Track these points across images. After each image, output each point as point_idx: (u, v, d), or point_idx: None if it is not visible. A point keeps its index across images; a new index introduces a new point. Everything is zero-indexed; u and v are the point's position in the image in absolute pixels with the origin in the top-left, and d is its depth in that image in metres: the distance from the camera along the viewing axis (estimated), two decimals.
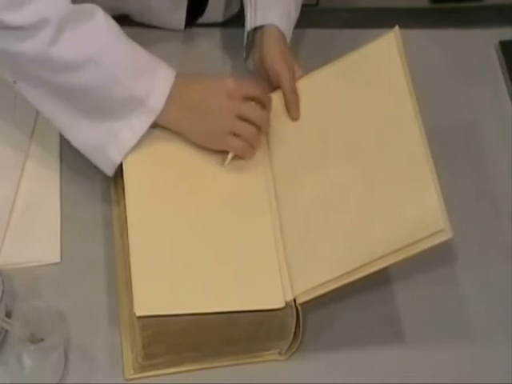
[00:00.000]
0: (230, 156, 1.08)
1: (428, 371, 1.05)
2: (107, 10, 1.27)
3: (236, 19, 1.31)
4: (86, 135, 1.05)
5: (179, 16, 1.29)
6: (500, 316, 1.10)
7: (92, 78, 1.00)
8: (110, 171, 1.07)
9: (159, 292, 0.99)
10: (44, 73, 1.00)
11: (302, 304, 1.00)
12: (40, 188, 1.12)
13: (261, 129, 1.08)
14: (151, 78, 1.03)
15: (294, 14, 1.20)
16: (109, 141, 1.04)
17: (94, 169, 1.09)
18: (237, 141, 1.07)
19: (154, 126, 1.06)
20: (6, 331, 0.99)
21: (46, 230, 1.09)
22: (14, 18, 0.96)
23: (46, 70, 1.00)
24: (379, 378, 1.03)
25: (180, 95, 1.05)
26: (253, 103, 1.08)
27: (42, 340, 0.95)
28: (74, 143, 1.06)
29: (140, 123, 1.04)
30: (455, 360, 1.06)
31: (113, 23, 1.03)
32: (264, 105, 1.09)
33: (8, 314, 1.00)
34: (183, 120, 1.06)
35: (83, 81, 1.00)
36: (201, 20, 1.32)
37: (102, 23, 1.01)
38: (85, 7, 1.01)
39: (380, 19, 1.33)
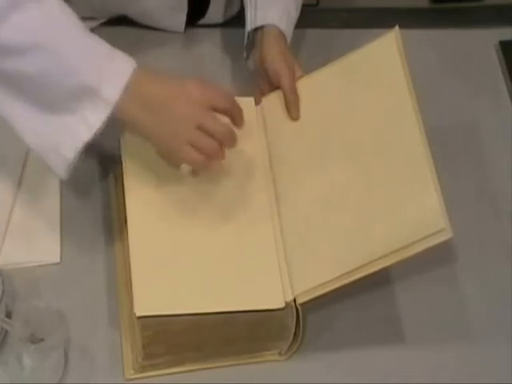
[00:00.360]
0: (183, 167, 1.02)
1: (428, 371, 1.05)
2: (106, 13, 1.27)
3: (236, 19, 1.32)
4: (36, 129, 0.98)
5: (179, 21, 1.29)
6: (500, 316, 1.10)
7: (40, 64, 0.94)
8: (62, 170, 0.99)
9: (159, 292, 0.99)
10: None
11: (302, 304, 1.01)
12: (40, 188, 1.12)
13: (222, 144, 1.01)
14: (106, 68, 0.96)
15: (295, 14, 1.20)
16: (61, 135, 0.98)
17: (94, 169, 1.09)
18: (193, 153, 1.00)
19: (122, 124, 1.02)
20: (6, 331, 0.99)
21: (46, 230, 1.09)
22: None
23: None
24: (379, 378, 1.03)
25: (140, 90, 0.98)
26: (218, 115, 1.01)
27: (42, 340, 0.95)
28: (26, 139, 0.99)
29: (93, 116, 0.97)
30: (455, 360, 1.06)
31: (67, 10, 0.97)
32: (233, 117, 1.03)
33: (8, 314, 1.00)
34: (142, 119, 0.99)
35: (30, 67, 0.94)
36: (201, 21, 1.32)
37: (54, 8, 0.96)
38: None
39: (380, 19, 1.33)
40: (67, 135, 0.97)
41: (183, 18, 1.28)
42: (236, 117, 1.03)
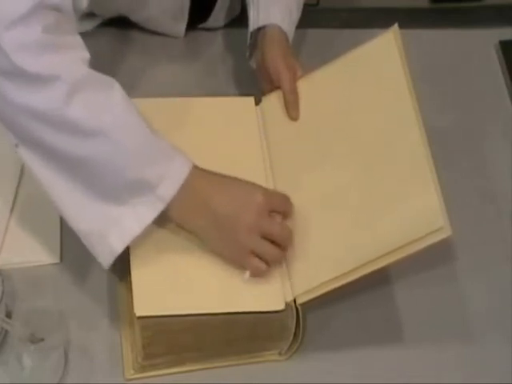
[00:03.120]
0: (247, 275, 1.00)
1: (428, 371, 1.05)
2: (107, 14, 1.28)
3: (237, 20, 1.32)
4: (86, 216, 0.96)
5: (179, 28, 1.29)
6: (500, 316, 1.10)
7: (98, 151, 0.93)
8: (107, 261, 0.97)
9: (159, 292, 0.99)
10: (50, 134, 0.93)
11: (302, 304, 1.00)
12: (40, 188, 1.12)
13: (284, 248, 1.01)
14: (165, 167, 0.96)
15: (296, 14, 1.20)
16: (111, 225, 0.96)
17: None
18: (257, 261, 0.99)
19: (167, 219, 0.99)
20: (6, 331, 0.99)
21: (46, 230, 1.09)
22: (31, 63, 0.90)
23: (53, 131, 0.93)
24: (379, 378, 1.03)
25: (197, 193, 0.97)
26: (279, 219, 1.01)
27: (42, 340, 0.95)
28: (72, 224, 0.98)
29: (146, 212, 0.96)
30: (455, 360, 1.06)
31: (130, 101, 0.96)
32: (287, 215, 1.02)
33: (8, 314, 1.01)
34: (199, 223, 0.99)
35: (89, 152, 0.93)
36: (203, 25, 1.32)
37: (118, 97, 0.94)
38: (103, 77, 0.95)
39: (380, 19, 1.33)
40: (117, 226, 0.96)
41: (183, 26, 1.29)
42: (289, 214, 1.03)
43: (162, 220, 1.03)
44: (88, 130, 0.92)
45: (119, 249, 0.96)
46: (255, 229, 0.98)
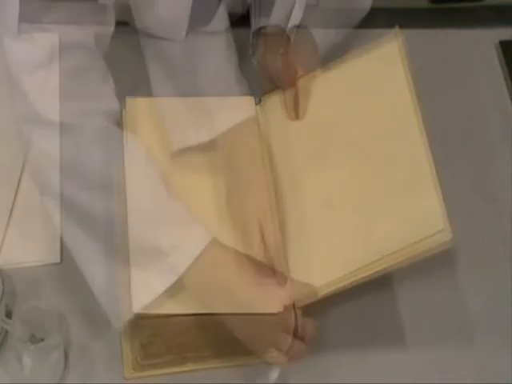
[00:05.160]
0: (274, 377, 0.97)
1: (428, 372, 1.05)
2: None
3: (238, 21, 1.31)
4: (101, 272, 0.95)
5: (179, 35, 1.29)
6: (500, 316, 1.10)
7: (110, 206, 0.92)
8: (118, 322, 0.96)
9: (158, 291, 0.99)
10: (66, 184, 0.93)
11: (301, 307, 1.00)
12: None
13: (307, 342, 0.96)
14: (179, 233, 0.92)
15: (298, 14, 1.20)
16: (123, 289, 0.93)
17: None
18: (279, 357, 0.95)
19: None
20: (6, 331, 0.99)
21: (46, 230, 1.09)
22: (50, 110, 0.90)
23: (68, 181, 0.92)
24: (379, 379, 1.03)
25: (216, 273, 0.93)
26: (300, 311, 0.96)
27: (42, 340, 0.95)
28: (88, 277, 0.96)
29: (158, 281, 0.93)
30: (455, 360, 1.06)
31: (150, 162, 0.94)
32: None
33: (8, 314, 1.01)
34: (219, 306, 0.94)
35: (102, 206, 0.92)
36: (204, 29, 1.32)
37: (137, 156, 0.93)
38: (126, 134, 0.95)
39: (380, 19, 1.33)
40: (129, 292, 0.93)
41: (183, 32, 1.28)
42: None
43: None
44: (102, 183, 0.91)
45: (128, 316, 0.94)
46: (279, 325, 0.94)
